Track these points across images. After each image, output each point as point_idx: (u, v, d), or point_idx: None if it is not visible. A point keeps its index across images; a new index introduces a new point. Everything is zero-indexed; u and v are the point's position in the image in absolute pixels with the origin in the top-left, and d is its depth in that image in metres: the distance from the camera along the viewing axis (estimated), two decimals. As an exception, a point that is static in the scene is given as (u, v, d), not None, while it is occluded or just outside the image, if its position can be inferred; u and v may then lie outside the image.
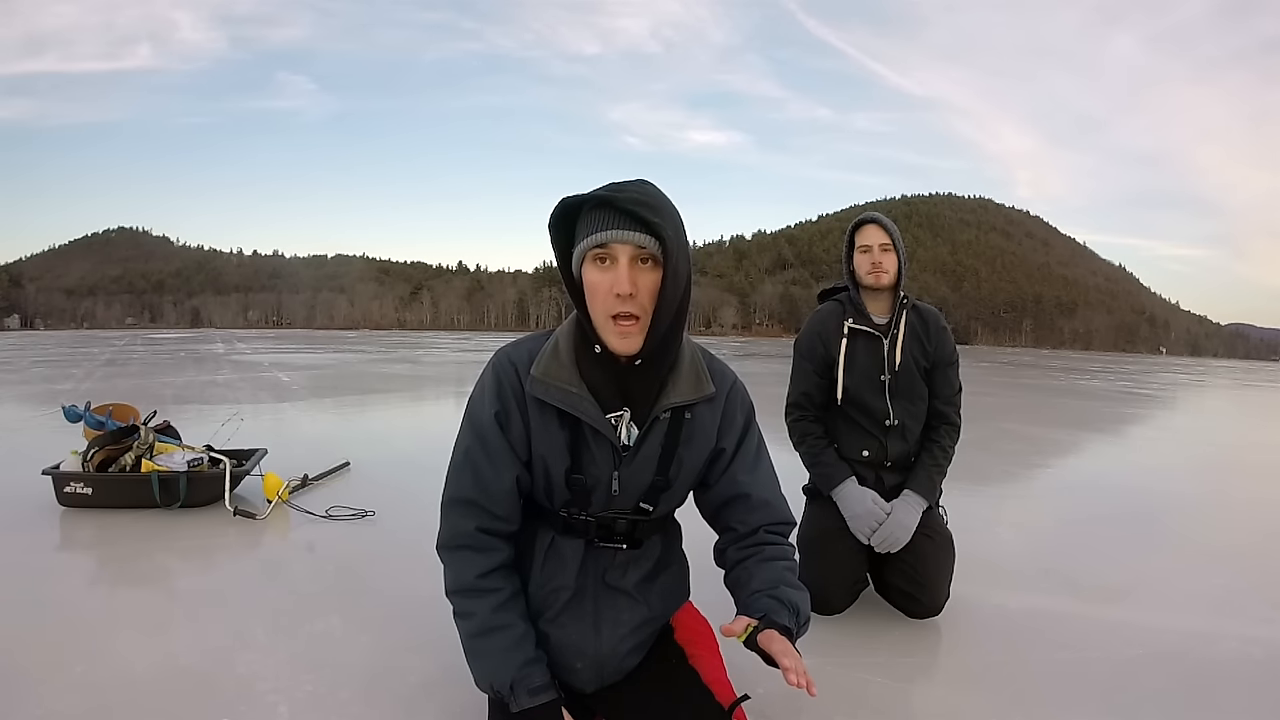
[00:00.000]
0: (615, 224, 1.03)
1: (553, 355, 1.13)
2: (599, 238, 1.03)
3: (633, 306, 1.05)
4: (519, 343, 1.20)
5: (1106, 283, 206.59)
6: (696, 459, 1.21)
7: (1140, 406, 10.86)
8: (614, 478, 1.15)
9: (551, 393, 1.11)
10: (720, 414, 1.21)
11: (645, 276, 1.05)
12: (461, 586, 1.16)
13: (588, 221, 1.06)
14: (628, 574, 1.22)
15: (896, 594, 1.99)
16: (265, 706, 1.50)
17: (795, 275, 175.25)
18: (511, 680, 1.11)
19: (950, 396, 2.10)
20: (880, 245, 2.03)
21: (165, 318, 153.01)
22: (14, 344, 25.17)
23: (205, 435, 3.54)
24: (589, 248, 1.05)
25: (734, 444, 1.23)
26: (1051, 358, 41.13)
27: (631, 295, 1.04)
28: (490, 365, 1.18)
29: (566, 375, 1.11)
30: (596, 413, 1.11)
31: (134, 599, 2.16)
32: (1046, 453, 5.78)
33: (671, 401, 1.14)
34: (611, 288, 1.04)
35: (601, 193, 1.04)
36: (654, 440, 1.16)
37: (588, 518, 1.18)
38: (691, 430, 1.18)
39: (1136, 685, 1.71)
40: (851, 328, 2.07)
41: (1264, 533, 3.29)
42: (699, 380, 1.17)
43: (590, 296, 1.07)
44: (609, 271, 1.05)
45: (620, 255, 1.04)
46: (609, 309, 1.05)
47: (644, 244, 1.03)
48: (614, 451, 1.14)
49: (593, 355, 1.11)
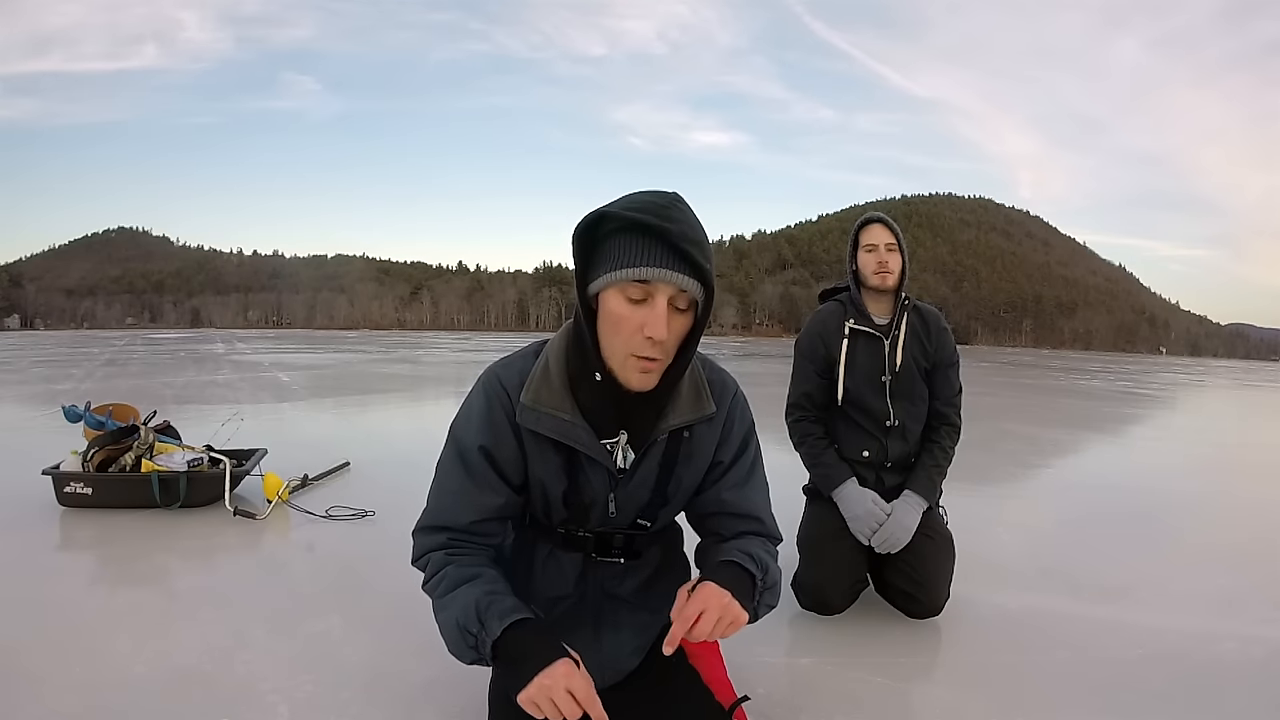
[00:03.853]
0: (662, 260, 0.93)
1: (543, 379, 1.07)
2: (642, 273, 0.93)
3: (660, 351, 0.97)
4: (510, 362, 1.13)
5: (1107, 283, 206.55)
6: (695, 476, 1.18)
7: (1140, 406, 10.86)
8: (610, 499, 1.13)
9: (543, 422, 1.05)
10: (720, 430, 1.17)
11: (678, 320, 0.97)
12: (433, 571, 1.10)
13: (627, 246, 0.94)
14: (626, 582, 1.22)
15: (896, 594, 1.99)
16: (265, 706, 1.50)
17: (795, 275, 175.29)
18: (477, 608, 1.00)
19: (950, 397, 2.10)
20: (886, 245, 2.02)
21: (165, 318, 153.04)
22: (14, 344, 25.17)
23: (205, 435, 3.54)
24: (625, 279, 0.94)
25: (730, 457, 1.18)
26: (1051, 358, 41.14)
27: (663, 341, 0.96)
28: (481, 386, 1.12)
29: (558, 401, 1.05)
30: (591, 440, 1.07)
31: (134, 599, 2.15)
32: (1046, 453, 5.78)
33: (670, 424, 1.09)
34: (643, 326, 0.95)
35: (648, 218, 0.92)
36: (651, 462, 1.12)
37: (585, 534, 1.16)
38: (690, 450, 1.14)
39: (1136, 685, 1.71)
40: (852, 328, 2.06)
41: (1264, 533, 3.28)
42: (699, 399, 1.11)
43: (612, 329, 0.98)
44: (642, 309, 0.95)
45: (659, 296, 0.94)
46: (633, 348, 0.97)
47: (687, 288, 0.95)
48: (610, 475, 1.11)
49: (591, 381, 1.03)
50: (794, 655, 1.85)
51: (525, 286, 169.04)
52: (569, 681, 0.93)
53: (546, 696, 0.92)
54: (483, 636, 0.99)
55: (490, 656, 1.00)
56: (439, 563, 1.10)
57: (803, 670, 1.76)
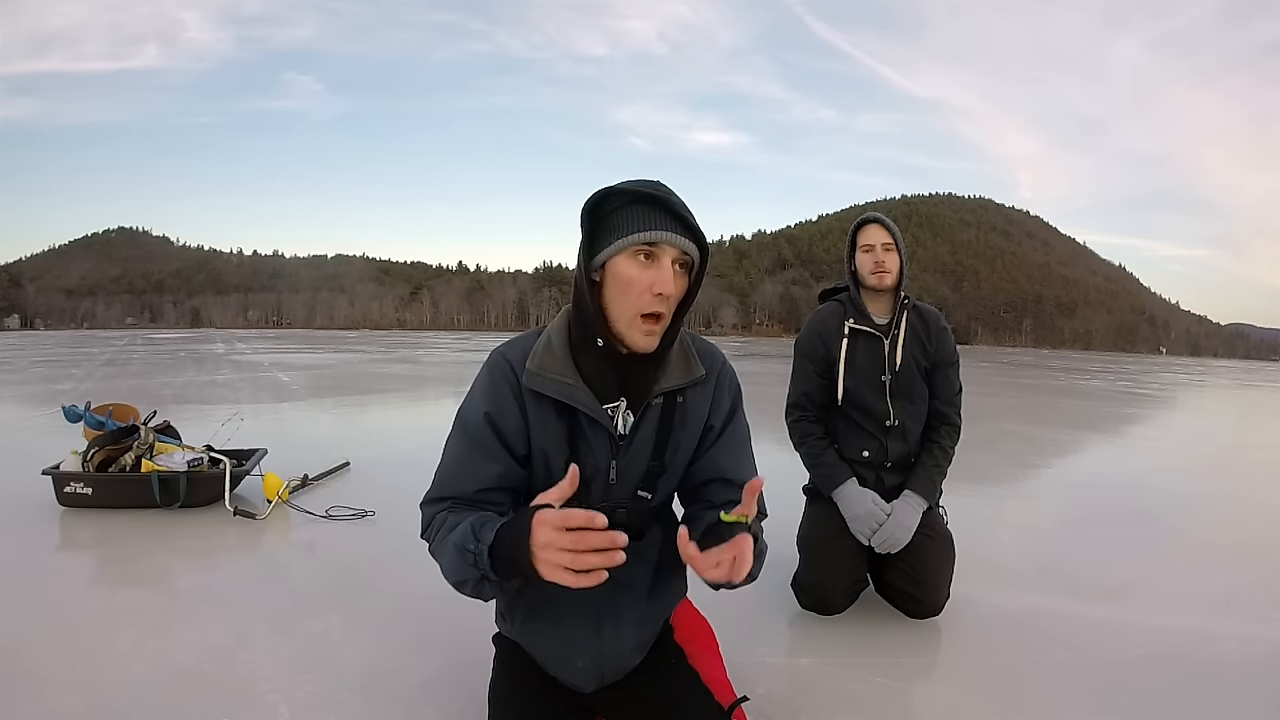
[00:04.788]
0: (666, 225, 1.06)
1: (546, 349, 1.14)
2: (650, 235, 1.05)
3: (665, 307, 1.07)
4: (513, 341, 1.20)
5: (1107, 283, 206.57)
6: (691, 441, 1.21)
7: (1140, 406, 10.87)
8: (611, 466, 1.15)
9: (547, 384, 1.12)
10: (710, 393, 1.22)
11: (679, 281, 1.08)
12: (435, 526, 1.12)
13: (631, 216, 1.06)
14: (631, 571, 1.19)
15: (896, 594, 1.99)
16: (265, 706, 1.50)
17: (795, 275, 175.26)
18: (473, 527, 1.01)
19: (950, 397, 2.10)
20: (883, 245, 2.03)
21: (165, 318, 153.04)
22: (14, 344, 25.18)
23: (205, 435, 3.55)
24: (636, 243, 1.05)
25: (720, 423, 1.22)
26: (1051, 358, 41.14)
27: (670, 295, 1.06)
28: (485, 365, 1.18)
29: (560, 367, 1.12)
30: (593, 401, 1.12)
31: (134, 599, 2.16)
32: (1046, 453, 5.78)
33: (662, 387, 1.15)
34: (652, 285, 1.05)
35: (651, 190, 1.06)
36: (648, 426, 1.16)
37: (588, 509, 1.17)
38: (685, 414, 1.19)
39: (1136, 685, 1.72)
40: (852, 328, 2.07)
41: (1264, 533, 3.29)
42: (688, 363, 1.18)
43: (623, 291, 1.07)
44: (650, 269, 1.06)
45: (665, 257, 1.06)
46: (643, 306, 1.06)
47: (688, 250, 1.07)
48: (611, 440, 1.14)
49: (593, 348, 1.11)
50: (794, 655, 1.86)
51: (525, 286, 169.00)
52: (552, 529, 0.89)
53: (556, 563, 0.88)
54: (479, 549, 0.99)
55: (490, 568, 0.98)
56: (440, 519, 1.12)
57: (803, 670, 1.77)
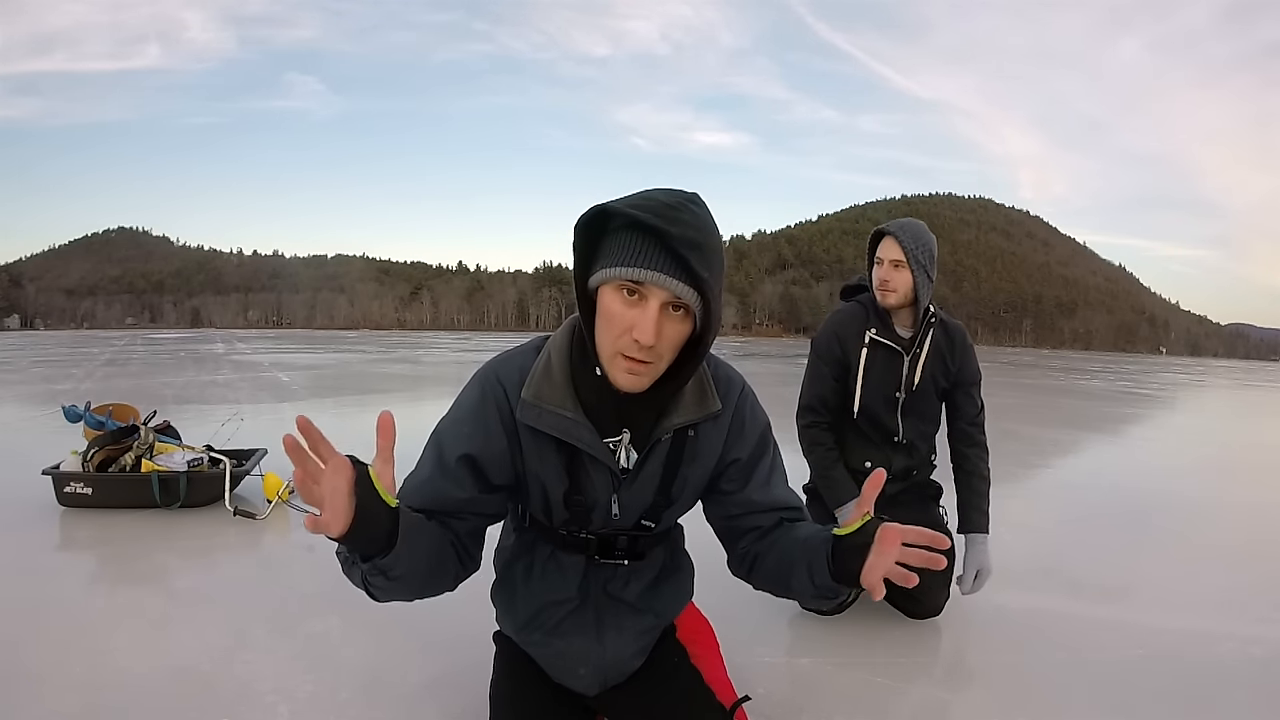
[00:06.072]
0: (656, 263, 0.89)
1: (545, 375, 1.04)
2: (635, 274, 0.89)
3: (649, 355, 0.93)
4: (509, 358, 1.09)
5: (1107, 283, 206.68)
6: (701, 476, 1.14)
7: (1140, 406, 10.86)
8: (613, 500, 1.10)
9: (544, 419, 1.02)
10: (727, 428, 1.12)
11: (672, 326, 0.93)
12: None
13: (624, 243, 0.91)
14: (630, 585, 1.19)
15: (897, 594, 1.99)
16: (265, 706, 1.50)
17: (795, 275, 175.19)
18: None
19: (974, 416, 2.06)
20: (892, 261, 1.91)
21: (165, 318, 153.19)
22: (14, 344, 25.16)
23: (205, 435, 3.55)
24: (619, 278, 0.91)
25: (748, 456, 1.13)
26: (1051, 358, 41.13)
27: (651, 346, 0.92)
28: (477, 381, 1.08)
29: (560, 398, 1.02)
30: (593, 439, 1.03)
31: (134, 599, 2.15)
32: (1046, 453, 5.77)
33: (674, 423, 1.05)
34: (631, 328, 0.91)
35: (648, 218, 0.87)
36: (655, 462, 1.08)
37: (588, 535, 1.14)
38: (695, 449, 1.10)
39: (1136, 685, 1.72)
40: (873, 338, 1.98)
41: (1264, 533, 3.29)
42: (704, 397, 1.08)
43: (604, 324, 0.95)
44: (633, 309, 0.91)
45: (652, 299, 0.90)
46: (621, 347, 0.93)
47: (681, 295, 0.90)
48: (612, 475, 1.07)
49: (592, 377, 1.00)
50: (794, 655, 1.86)
51: (525, 286, 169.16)
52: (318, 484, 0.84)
53: (306, 491, 0.83)
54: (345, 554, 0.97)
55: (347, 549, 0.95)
56: None
57: (803, 670, 1.76)
